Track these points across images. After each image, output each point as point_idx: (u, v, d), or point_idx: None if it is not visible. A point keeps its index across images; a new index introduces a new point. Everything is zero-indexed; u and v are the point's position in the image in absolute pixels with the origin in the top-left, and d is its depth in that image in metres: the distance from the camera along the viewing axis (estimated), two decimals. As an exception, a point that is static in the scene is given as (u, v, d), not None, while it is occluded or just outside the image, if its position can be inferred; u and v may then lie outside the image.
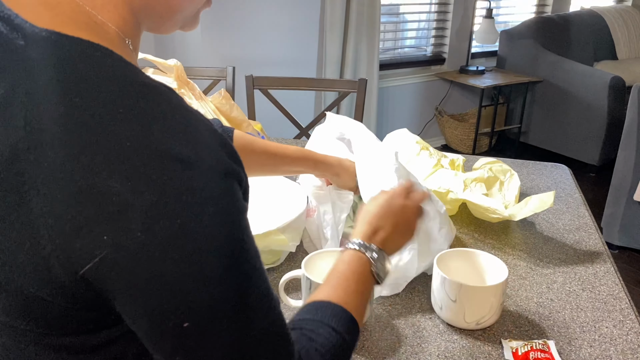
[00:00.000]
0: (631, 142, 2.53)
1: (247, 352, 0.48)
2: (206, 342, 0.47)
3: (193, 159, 0.45)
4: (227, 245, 0.46)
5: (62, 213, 0.43)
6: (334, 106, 2.08)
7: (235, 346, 0.48)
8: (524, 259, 1.10)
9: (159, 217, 0.43)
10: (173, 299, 0.45)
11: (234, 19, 2.90)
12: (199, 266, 0.45)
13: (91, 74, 0.45)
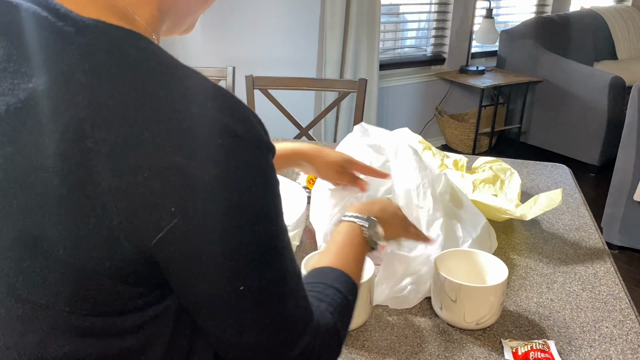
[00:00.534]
0: (631, 142, 2.53)
1: (286, 312, 0.53)
2: (256, 304, 0.51)
3: (245, 135, 0.48)
4: (274, 213, 0.51)
5: (128, 187, 0.45)
6: (334, 106, 2.08)
7: (278, 307, 0.52)
8: (524, 259, 1.10)
9: (221, 189, 0.47)
10: (232, 263, 0.49)
11: (234, 19, 2.90)
12: (253, 232, 0.49)
13: (141, 58, 0.48)
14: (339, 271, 0.67)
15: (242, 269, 0.49)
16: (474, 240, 1.01)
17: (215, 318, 0.51)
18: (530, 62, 3.86)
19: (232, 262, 0.49)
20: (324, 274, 0.66)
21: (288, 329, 0.54)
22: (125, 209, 0.45)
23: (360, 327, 0.89)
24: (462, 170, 1.37)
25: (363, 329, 0.89)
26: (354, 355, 0.83)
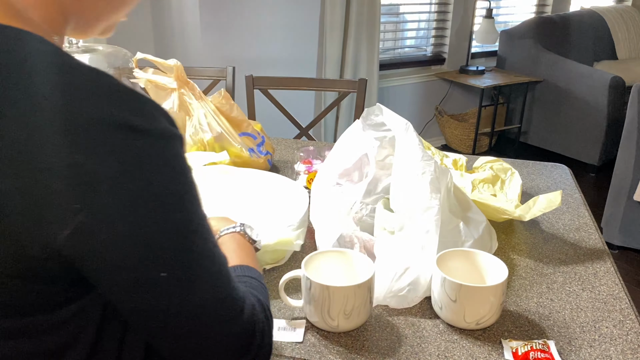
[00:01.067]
0: (631, 142, 2.53)
1: (218, 292, 0.54)
2: (183, 289, 0.51)
3: (143, 127, 0.49)
4: (186, 200, 0.52)
5: (30, 190, 0.45)
6: (334, 106, 2.08)
7: (210, 288, 0.53)
8: (524, 259, 1.10)
9: (125, 182, 0.47)
10: (147, 252, 0.49)
11: (234, 19, 2.90)
12: (165, 221, 0.50)
13: (32, 58, 0.48)
14: (244, 265, 0.72)
15: (158, 257, 0.50)
16: (476, 240, 1.01)
17: (144, 310, 0.52)
18: (530, 62, 3.86)
19: (147, 252, 0.49)
20: (236, 270, 0.71)
21: (224, 308, 0.55)
22: (26, 211, 0.46)
23: (360, 327, 0.89)
24: (462, 169, 1.38)
25: (363, 329, 0.89)
26: (353, 355, 0.83)
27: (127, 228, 0.48)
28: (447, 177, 1.04)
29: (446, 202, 1.03)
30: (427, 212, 0.97)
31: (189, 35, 2.95)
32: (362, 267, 0.92)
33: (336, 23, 3.15)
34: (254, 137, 1.46)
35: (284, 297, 0.91)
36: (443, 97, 4.05)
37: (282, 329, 0.88)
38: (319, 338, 0.87)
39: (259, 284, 0.69)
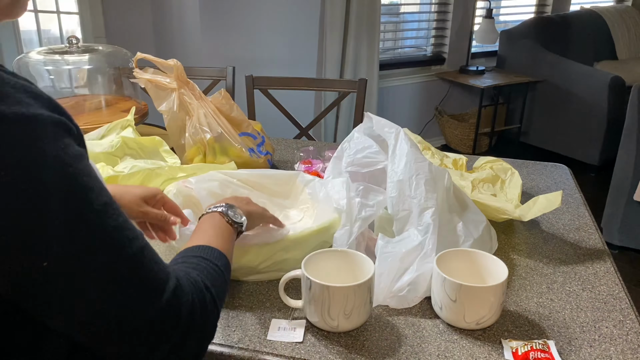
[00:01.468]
0: (631, 142, 2.53)
1: (117, 280, 0.53)
2: (70, 279, 0.50)
3: (14, 116, 0.47)
4: (66, 186, 0.50)
5: None
6: (334, 106, 2.08)
7: (102, 277, 0.52)
8: (524, 259, 1.10)
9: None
10: (26, 239, 0.48)
11: (234, 19, 2.90)
12: (42, 206, 0.48)
13: None
14: (203, 246, 0.72)
15: (35, 247, 0.48)
16: (475, 240, 1.01)
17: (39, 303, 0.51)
18: (530, 62, 3.86)
19: (28, 239, 0.48)
20: (189, 250, 0.71)
21: (128, 293, 0.53)
22: None
23: (360, 327, 0.89)
24: (462, 169, 1.38)
25: (363, 329, 0.89)
26: (353, 355, 0.83)
27: (12, 215, 0.47)
28: (445, 177, 1.04)
29: (446, 202, 1.03)
30: (424, 213, 0.97)
31: (189, 35, 2.95)
32: (362, 267, 0.92)
33: (336, 23, 3.15)
34: (254, 137, 1.46)
35: (284, 297, 0.91)
36: (443, 97, 4.05)
37: (282, 329, 0.88)
38: (319, 338, 0.87)
39: (208, 265, 0.67)
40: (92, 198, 0.52)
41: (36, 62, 1.87)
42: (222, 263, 0.71)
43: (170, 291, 0.56)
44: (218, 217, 0.82)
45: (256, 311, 0.93)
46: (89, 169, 0.53)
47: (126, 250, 0.53)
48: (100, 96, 1.96)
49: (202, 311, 0.60)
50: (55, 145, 0.50)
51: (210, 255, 0.70)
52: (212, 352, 0.84)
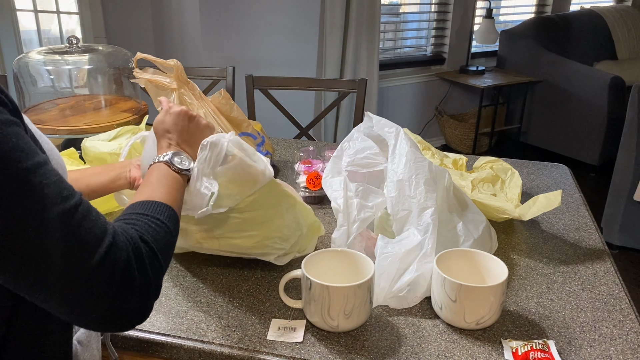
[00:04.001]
0: (631, 142, 2.53)
1: (48, 238, 0.54)
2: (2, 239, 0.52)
3: None
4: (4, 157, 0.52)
5: None
6: (334, 106, 2.08)
7: (33, 236, 0.53)
8: (524, 259, 1.10)
9: None
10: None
11: (234, 19, 2.90)
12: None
13: None
14: (145, 201, 0.72)
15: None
16: (476, 240, 1.01)
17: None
18: (530, 62, 3.86)
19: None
20: (131, 207, 0.71)
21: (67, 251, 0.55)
22: None
23: (360, 327, 0.89)
24: (462, 169, 1.38)
25: (363, 329, 0.89)
26: (353, 355, 0.83)
27: None
28: (445, 177, 1.04)
29: (446, 202, 1.03)
30: (424, 213, 0.97)
31: (189, 35, 2.95)
32: (362, 267, 0.92)
33: (336, 23, 3.15)
34: (254, 137, 1.46)
35: (284, 297, 0.91)
36: (443, 97, 4.05)
37: (282, 329, 0.88)
38: (319, 338, 0.87)
39: (148, 220, 0.68)
40: (21, 157, 0.53)
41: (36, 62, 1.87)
42: (165, 216, 0.71)
43: (103, 248, 0.57)
44: (164, 167, 0.82)
45: (256, 311, 0.93)
46: (18, 133, 0.55)
47: (57, 207, 0.55)
48: (100, 96, 1.96)
49: (140, 266, 0.61)
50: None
51: (153, 210, 0.70)
52: (212, 352, 0.84)
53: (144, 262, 0.62)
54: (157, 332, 0.88)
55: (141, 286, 0.61)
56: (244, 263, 1.07)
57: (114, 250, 0.58)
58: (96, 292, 0.57)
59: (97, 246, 0.57)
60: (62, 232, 0.55)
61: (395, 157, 1.04)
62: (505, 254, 1.11)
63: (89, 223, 0.57)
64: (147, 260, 0.62)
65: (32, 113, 1.83)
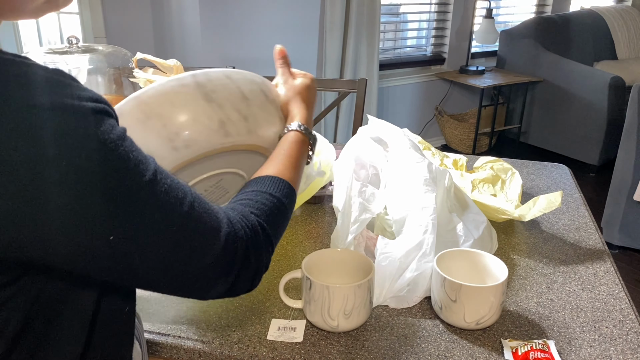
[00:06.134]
0: (631, 142, 2.53)
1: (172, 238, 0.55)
2: (134, 246, 0.53)
3: (59, 106, 0.49)
4: (119, 164, 0.52)
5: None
6: (334, 106, 2.08)
7: (159, 239, 0.55)
8: (524, 259, 1.10)
9: (43, 164, 0.47)
10: (93, 218, 0.50)
11: (234, 19, 2.90)
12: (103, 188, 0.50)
13: None
14: (275, 177, 0.72)
15: (95, 224, 0.51)
16: (476, 240, 1.01)
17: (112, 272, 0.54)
18: (530, 62, 3.86)
19: (88, 220, 0.50)
20: (261, 182, 0.71)
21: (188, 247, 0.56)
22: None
23: (360, 327, 0.89)
24: (462, 170, 1.38)
25: (363, 329, 0.89)
26: (353, 355, 0.83)
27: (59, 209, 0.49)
28: (446, 178, 1.04)
29: (446, 202, 1.03)
30: (423, 212, 0.97)
31: (189, 35, 2.95)
32: (362, 267, 0.92)
33: (336, 23, 3.15)
34: (254, 137, 1.46)
35: (284, 297, 0.91)
36: (443, 97, 4.05)
37: (282, 329, 0.88)
38: (319, 338, 0.87)
39: (268, 200, 0.68)
40: (143, 170, 0.54)
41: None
42: (289, 200, 0.71)
43: (223, 238, 0.59)
44: (305, 146, 0.80)
45: (256, 311, 0.93)
46: (132, 144, 0.55)
47: (178, 209, 0.56)
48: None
49: (256, 253, 0.63)
50: (103, 130, 0.52)
51: (276, 188, 0.70)
52: (212, 352, 0.84)
53: (260, 248, 0.64)
54: (157, 332, 0.88)
55: (255, 270, 0.64)
56: (244, 263, 1.07)
57: (232, 239, 0.60)
58: (215, 280, 0.60)
59: (216, 238, 0.58)
60: (183, 231, 0.56)
61: (395, 157, 1.04)
62: (505, 254, 1.11)
63: (207, 216, 0.59)
64: (263, 246, 0.64)
65: (32, 113, 1.83)
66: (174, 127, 0.72)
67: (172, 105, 0.73)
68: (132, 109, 0.72)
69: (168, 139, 0.72)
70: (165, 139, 0.72)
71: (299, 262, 1.06)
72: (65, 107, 0.50)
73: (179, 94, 0.73)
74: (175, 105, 0.73)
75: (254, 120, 0.79)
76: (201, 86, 0.74)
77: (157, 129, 0.72)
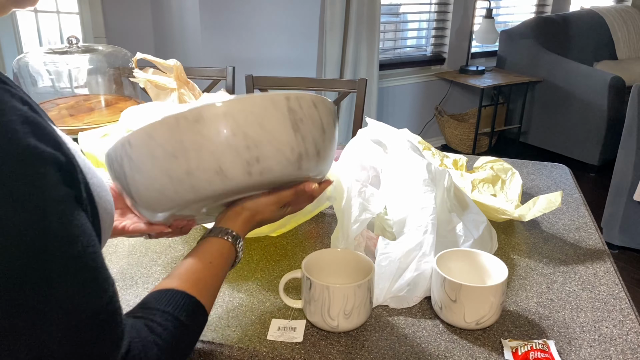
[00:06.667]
0: (631, 142, 2.53)
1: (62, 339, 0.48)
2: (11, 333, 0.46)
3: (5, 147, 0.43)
4: (30, 235, 0.45)
5: None
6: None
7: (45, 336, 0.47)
8: (524, 259, 1.10)
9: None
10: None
11: (234, 19, 2.90)
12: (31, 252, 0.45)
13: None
14: (186, 295, 0.63)
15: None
16: (476, 240, 1.01)
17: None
18: (530, 62, 3.86)
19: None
20: (167, 299, 0.61)
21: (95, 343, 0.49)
22: None
23: (360, 327, 0.89)
24: (462, 170, 1.38)
25: (363, 329, 0.89)
26: (353, 355, 0.83)
27: None
28: (445, 178, 1.04)
29: (446, 202, 1.03)
30: (422, 212, 0.97)
31: (189, 35, 2.95)
32: (362, 267, 0.92)
33: (336, 23, 3.15)
34: (254, 137, 1.46)
35: (284, 297, 0.91)
36: (443, 97, 4.05)
37: (282, 329, 0.88)
38: (319, 338, 0.87)
39: (178, 328, 0.59)
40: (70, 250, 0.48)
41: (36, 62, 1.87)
42: (198, 322, 0.63)
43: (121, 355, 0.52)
44: (229, 251, 0.71)
45: (256, 311, 0.93)
46: (70, 211, 0.48)
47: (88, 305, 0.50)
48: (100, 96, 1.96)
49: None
50: (42, 189, 0.46)
51: (186, 312, 0.61)
52: (212, 352, 0.84)
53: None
54: (157, 332, 0.88)
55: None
56: (244, 263, 1.07)
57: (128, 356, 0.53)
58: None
59: (116, 349, 0.52)
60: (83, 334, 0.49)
61: (395, 157, 1.05)
62: (505, 254, 1.11)
63: (109, 331, 0.51)
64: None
65: (32, 113, 1.83)
66: (256, 152, 0.66)
67: (260, 128, 0.66)
68: (216, 118, 0.65)
69: (246, 163, 0.66)
70: (243, 161, 0.66)
71: (299, 262, 1.06)
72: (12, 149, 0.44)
73: (270, 117, 0.67)
74: (264, 129, 0.67)
75: (323, 154, 0.75)
76: (292, 112, 0.69)
77: (238, 149, 0.66)
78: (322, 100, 0.74)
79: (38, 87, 1.91)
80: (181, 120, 0.64)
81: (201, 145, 0.64)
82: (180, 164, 0.66)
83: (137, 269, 1.05)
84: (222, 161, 0.65)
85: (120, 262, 1.07)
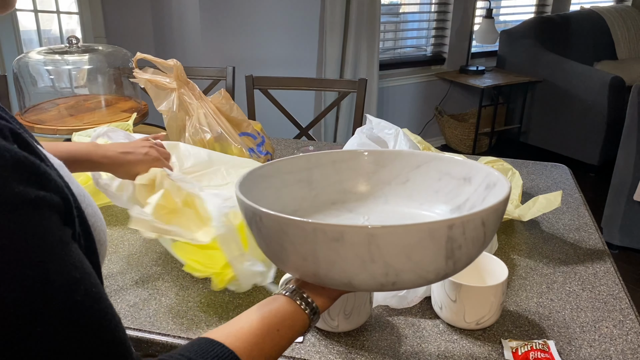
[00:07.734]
0: (631, 142, 2.53)
1: None
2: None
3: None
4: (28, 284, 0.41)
5: None
6: (333, 106, 2.08)
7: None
8: (524, 259, 1.10)
9: None
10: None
11: (234, 19, 2.90)
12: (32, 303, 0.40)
13: None
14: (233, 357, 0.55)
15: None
16: None
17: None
18: (530, 62, 3.86)
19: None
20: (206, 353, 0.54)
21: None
22: None
23: (360, 327, 0.89)
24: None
25: (363, 329, 0.89)
26: (353, 355, 0.83)
27: None
28: None
29: None
30: None
31: (189, 35, 2.95)
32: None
33: (336, 23, 3.15)
34: (254, 137, 1.46)
35: (284, 297, 0.91)
36: (443, 97, 4.05)
37: (282, 329, 0.88)
38: (319, 338, 0.87)
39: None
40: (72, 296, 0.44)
41: (36, 62, 1.87)
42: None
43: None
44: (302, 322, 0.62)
45: (256, 311, 0.93)
46: (67, 256, 0.44)
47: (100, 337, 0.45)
48: (100, 96, 1.96)
49: None
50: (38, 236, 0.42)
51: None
52: (212, 352, 0.84)
53: None
54: (157, 332, 0.88)
55: None
56: (244, 263, 1.07)
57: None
58: None
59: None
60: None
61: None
62: (505, 254, 1.11)
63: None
64: None
65: (32, 113, 1.83)
66: (394, 278, 0.57)
67: (407, 259, 0.56)
68: (358, 244, 0.55)
69: (380, 284, 0.58)
70: (377, 283, 0.58)
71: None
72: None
73: (423, 249, 0.56)
74: (411, 260, 0.56)
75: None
76: (451, 241, 0.56)
77: (375, 275, 0.57)
78: (494, 211, 0.59)
79: (38, 87, 1.91)
80: (319, 234, 0.56)
81: (334, 262, 0.57)
82: (308, 266, 0.59)
83: (137, 269, 1.05)
84: (353, 278, 0.58)
85: (120, 262, 1.07)
